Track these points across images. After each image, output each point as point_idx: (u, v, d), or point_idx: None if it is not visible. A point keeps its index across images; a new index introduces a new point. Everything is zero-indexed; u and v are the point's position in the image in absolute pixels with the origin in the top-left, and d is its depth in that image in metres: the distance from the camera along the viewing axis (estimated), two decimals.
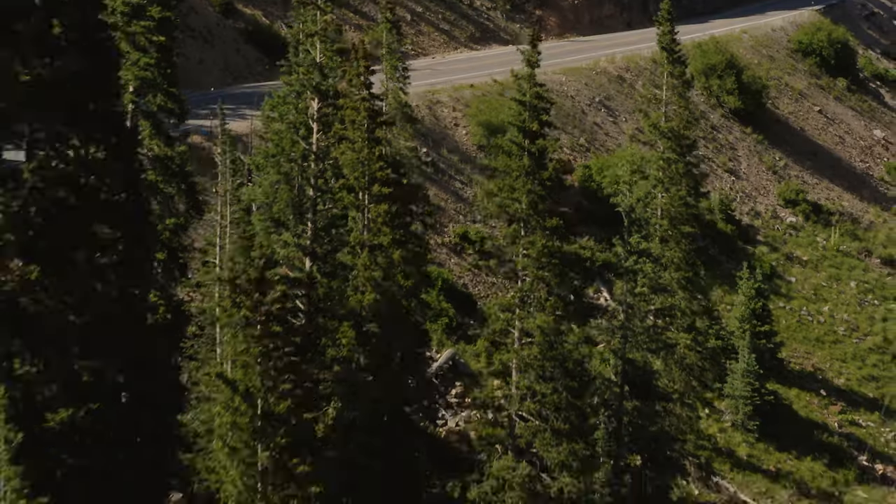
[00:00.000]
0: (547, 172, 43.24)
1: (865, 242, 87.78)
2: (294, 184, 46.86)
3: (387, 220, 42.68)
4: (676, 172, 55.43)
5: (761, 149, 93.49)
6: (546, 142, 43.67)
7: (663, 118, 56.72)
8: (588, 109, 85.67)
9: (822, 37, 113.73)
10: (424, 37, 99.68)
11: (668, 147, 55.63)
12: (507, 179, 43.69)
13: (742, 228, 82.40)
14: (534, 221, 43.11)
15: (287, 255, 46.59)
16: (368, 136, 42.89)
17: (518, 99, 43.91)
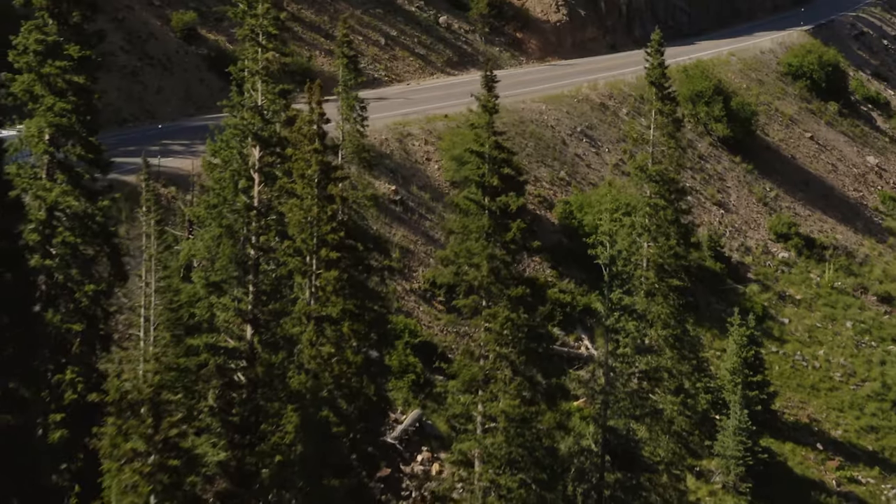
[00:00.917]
0: (510, 233, 37.61)
1: (861, 278, 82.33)
2: (238, 238, 41.29)
3: (337, 289, 37.04)
4: (664, 220, 49.92)
5: (751, 179, 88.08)
6: (508, 198, 38.02)
7: (650, 160, 51.13)
8: (569, 140, 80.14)
9: (812, 59, 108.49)
10: (399, 62, 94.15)
11: (655, 192, 50.09)
12: (465, 242, 38.09)
13: (732, 266, 76.96)
14: (496, 290, 37.47)
15: (226, 320, 41.07)
16: (320, 193, 37.27)
17: (475, 150, 38.32)
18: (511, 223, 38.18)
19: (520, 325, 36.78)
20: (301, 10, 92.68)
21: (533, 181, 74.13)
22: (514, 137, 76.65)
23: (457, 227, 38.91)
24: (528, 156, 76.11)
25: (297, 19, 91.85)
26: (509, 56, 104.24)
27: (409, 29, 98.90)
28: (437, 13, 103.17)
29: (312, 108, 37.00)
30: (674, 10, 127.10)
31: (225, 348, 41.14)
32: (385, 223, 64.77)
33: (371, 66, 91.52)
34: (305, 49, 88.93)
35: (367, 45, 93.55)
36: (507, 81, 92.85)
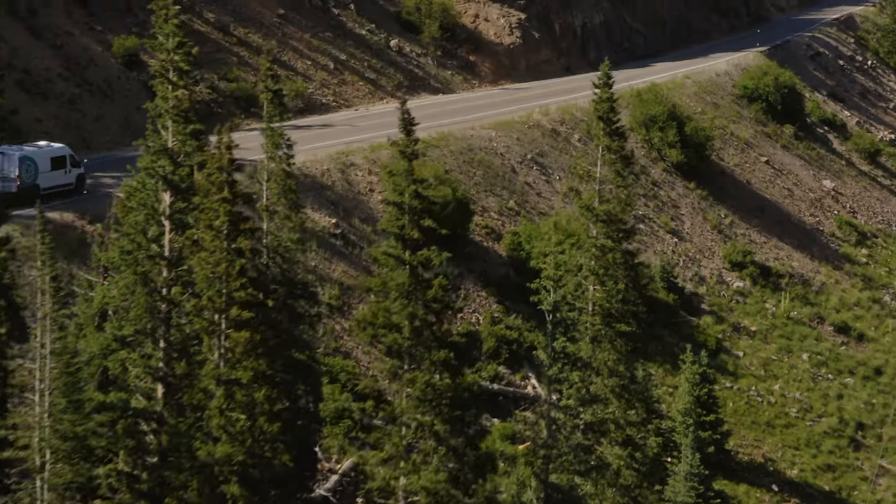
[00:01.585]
0: (432, 291, 34.08)
1: (817, 307, 79.31)
2: (153, 288, 37.68)
3: (248, 351, 33.39)
4: (612, 262, 46.46)
5: (706, 205, 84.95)
6: (430, 252, 34.47)
7: (597, 198, 47.69)
8: (519, 168, 76.79)
9: (768, 81, 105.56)
10: (348, 86, 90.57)
11: (602, 233, 46.63)
12: (383, 301, 34.52)
13: (685, 297, 73.70)
14: (417, 353, 33.92)
15: (137, 376, 37.48)
16: (228, 246, 33.62)
17: (393, 201, 34.78)
18: (434, 279, 34.61)
19: (443, 391, 33.20)
20: (248, 35, 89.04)
21: (481, 211, 70.76)
22: (461, 166, 73.42)
23: (375, 284, 35.31)
24: (477, 185, 72.76)
25: (245, 44, 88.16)
26: (462, 79, 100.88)
27: (359, 52, 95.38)
28: (388, 36, 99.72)
29: (221, 153, 33.27)
30: (629, 32, 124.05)
31: (135, 408, 37.58)
32: (324, 258, 61.28)
33: (319, 91, 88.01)
34: (252, 74, 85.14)
35: (315, 69, 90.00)
36: (457, 106, 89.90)
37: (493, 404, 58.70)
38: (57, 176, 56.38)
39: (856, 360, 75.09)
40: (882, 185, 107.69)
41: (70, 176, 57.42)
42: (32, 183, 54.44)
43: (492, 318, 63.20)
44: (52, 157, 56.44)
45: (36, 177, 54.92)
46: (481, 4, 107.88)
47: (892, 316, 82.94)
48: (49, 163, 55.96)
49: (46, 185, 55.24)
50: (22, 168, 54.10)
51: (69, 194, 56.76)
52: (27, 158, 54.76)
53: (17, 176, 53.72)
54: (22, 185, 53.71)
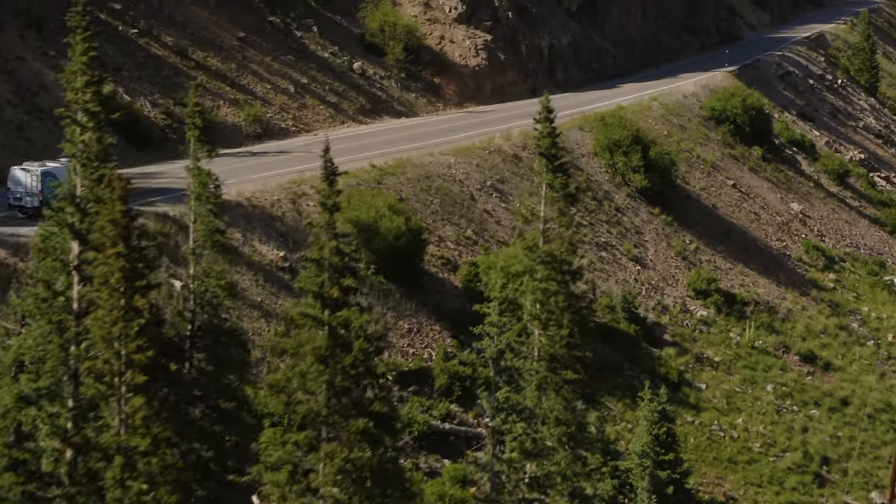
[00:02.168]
0: (350, 357, 31.01)
1: (783, 336, 76.40)
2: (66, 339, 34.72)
3: (150, 417, 30.26)
4: (557, 306, 43.35)
5: (670, 231, 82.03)
6: (351, 313, 31.41)
7: (541, 239, 44.61)
8: (478, 195, 73.77)
9: (735, 103, 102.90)
10: (308, 111, 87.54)
11: (546, 275, 43.53)
12: (299, 365, 31.42)
13: (647, 327, 70.68)
14: (335, 422, 30.83)
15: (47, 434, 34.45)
16: (127, 304, 30.48)
17: (311, 257, 31.72)
18: (354, 342, 31.52)
19: (363, 465, 30.09)
20: (207, 58, 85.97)
21: (437, 241, 67.72)
22: (418, 194, 70.41)
23: (290, 346, 32.18)
24: (433, 213, 69.73)
25: (203, 67, 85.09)
26: (426, 102, 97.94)
27: (321, 76, 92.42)
28: (351, 59, 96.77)
29: (114, 203, 30.13)
30: (598, 52, 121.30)
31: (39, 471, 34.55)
32: (271, 293, 58.14)
33: (278, 115, 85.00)
34: (209, 99, 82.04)
35: (275, 93, 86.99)
36: (419, 131, 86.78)
37: (445, 444, 55.60)
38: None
39: (822, 390, 72.22)
40: (850, 206, 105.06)
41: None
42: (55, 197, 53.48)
43: (445, 353, 60.09)
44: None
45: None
46: (447, 26, 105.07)
47: (859, 343, 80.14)
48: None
49: None
50: (44, 183, 54.39)
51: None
52: (49, 174, 55.02)
53: (41, 191, 54.28)
54: (45, 199, 53.08)
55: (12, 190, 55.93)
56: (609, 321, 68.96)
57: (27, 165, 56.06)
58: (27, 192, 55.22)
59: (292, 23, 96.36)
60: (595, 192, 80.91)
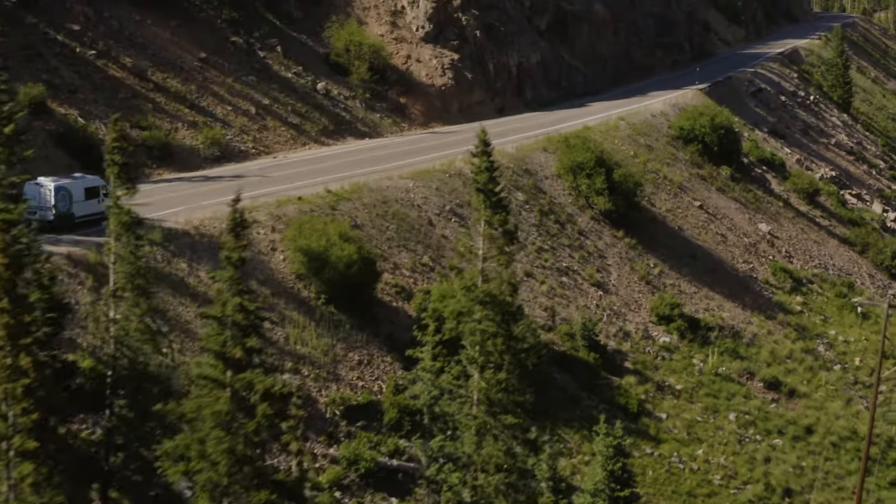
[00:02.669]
0: (253, 423, 28.42)
1: (747, 362, 73.92)
2: None
3: (39, 483, 27.68)
4: (496, 349, 40.87)
5: (634, 255, 79.58)
6: (255, 374, 28.85)
7: (480, 278, 42.14)
8: (437, 220, 71.27)
9: (704, 122, 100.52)
10: (269, 132, 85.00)
11: (485, 316, 41.05)
12: (198, 431, 28.84)
13: (608, 355, 68.17)
14: (236, 493, 28.22)
15: None
16: (12, 363, 27.90)
17: (211, 315, 29.16)
18: (258, 407, 28.94)
19: None
20: (167, 80, 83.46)
21: (391, 269, 65.19)
22: (374, 220, 67.87)
23: (189, 409, 29.61)
24: (389, 240, 67.18)
25: (162, 89, 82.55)
26: (391, 122, 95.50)
27: (283, 96, 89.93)
28: (315, 79, 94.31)
29: None
30: (568, 70, 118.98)
31: None
32: None
33: (238, 137, 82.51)
34: (167, 122, 79.62)
35: (235, 114, 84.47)
36: (381, 153, 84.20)
37: (392, 482, 53.04)
38: (90, 205, 58.94)
39: (786, 418, 69.74)
40: (820, 225, 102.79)
41: (102, 205, 57.01)
42: (67, 212, 57.59)
43: (395, 385, 57.51)
44: (85, 187, 59.24)
45: (70, 206, 57.93)
46: (413, 45, 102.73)
47: (825, 368, 77.76)
48: (83, 193, 58.81)
49: (81, 213, 58.34)
50: (57, 198, 57.02)
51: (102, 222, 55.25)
52: (62, 189, 57.57)
53: (53, 205, 56.56)
54: (58, 214, 56.71)
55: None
56: (568, 349, 66.53)
57: (40, 180, 57.51)
58: (40, 206, 56.44)
59: (256, 43, 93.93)
60: (558, 216, 78.49)
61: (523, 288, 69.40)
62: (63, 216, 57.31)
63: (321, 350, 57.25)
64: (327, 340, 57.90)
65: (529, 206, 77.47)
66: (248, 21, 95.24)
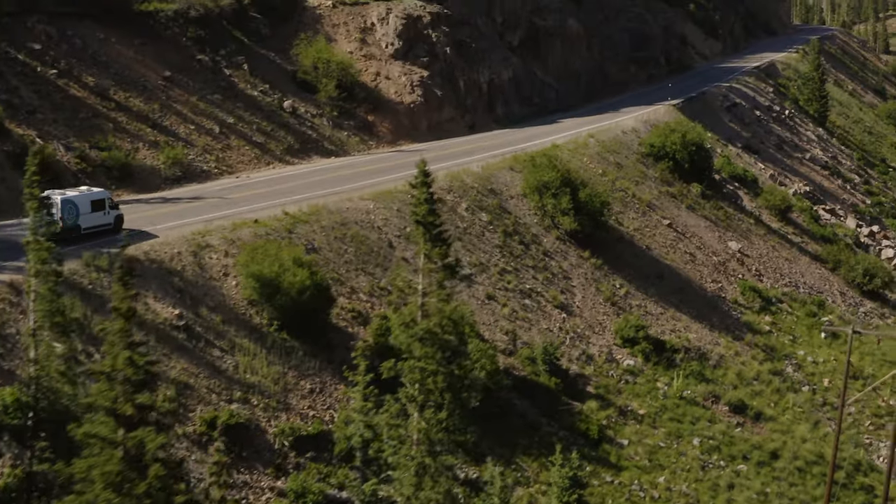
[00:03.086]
0: (145, 484, 26.47)
1: (713, 384, 72.02)
2: None
3: None
4: (436, 387, 38.95)
5: (600, 275, 77.71)
6: (147, 433, 26.88)
7: (419, 313, 40.23)
8: (397, 242, 69.33)
9: (675, 139, 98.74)
10: (233, 152, 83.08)
11: (424, 354, 39.15)
12: (87, 493, 26.86)
13: (570, 379, 66.26)
14: None
15: None
16: None
17: (103, 370, 27.20)
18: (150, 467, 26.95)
19: None
20: (129, 99, 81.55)
21: (348, 293, 63.23)
22: (332, 242, 65.94)
23: (78, 470, 27.62)
24: (347, 263, 65.24)
25: (124, 108, 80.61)
26: (358, 140, 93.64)
27: (248, 115, 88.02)
28: (282, 97, 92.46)
29: None
30: (541, 86, 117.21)
31: None
32: (163, 354, 53.41)
33: (201, 157, 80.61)
34: (128, 141, 77.69)
35: (199, 134, 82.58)
36: (345, 173, 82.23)
37: None
38: (96, 217, 60.23)
39: (751, 443, 67.79)
40: (792, 243, 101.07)
41: (108, 217, 61.27)
42: (74, 224, 58.87)
43: (348, 415, 55.42)
44: (91, 199, 60.21)
45: (77, 218, 59.15)
46: (383, 62, 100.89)
47: (793, 390, 75.92)
48: (89, 205, 59.84)
49: (87, 225, 59.64)
50: (64, 210, 58.29)
51: (108, 233, 60.28)
52: (69, 201, 58.79)
53: (60, 217, 57.60)
54: (65, 226, 57.61)
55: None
56: (529, 374, 64.63)
57: (49, 193, 58.36)
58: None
59: (222, 60, 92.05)
60: (522, 236, 76.64)
61: (484, 311, 67.66)
62: (70, 228, 58.61)
63: (271, 378, 55.30)
64: (278, 368, 55.96)
65: (493, 226, 75.61)
66: (215, 39, 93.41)
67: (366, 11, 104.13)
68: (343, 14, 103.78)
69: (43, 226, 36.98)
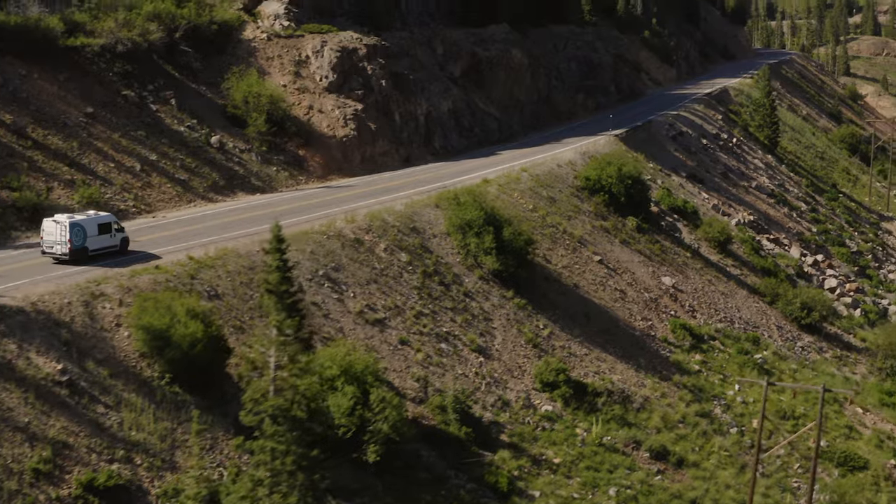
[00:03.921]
0: None
1: (635, 429, 68.73)
2: None
3: None
4: (285, 468, 35.53)
5: (523, 316, 74.45)
6: None
7: (272, 388, 36.81)
8: (308, 285, 65.87)
9: (611, 171, 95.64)
10: (153, 190, 79.63)
11: (274, 433, 35.70)
12: None
13: (483, 428, 62.86)
14: None
15: None
16: None
17: None
18: None
19: None
20: (47, 137, 78.06)
21: (249, 342, 59.67)
22: (237, 288, 62.55)
23: None
24: (252, 310, 61.70)
25: (42, 147, 77.12)
26: (287, 176, 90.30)
27: (172, 151, 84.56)
28: (210, 132, 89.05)
29: None
30: (482, 117, 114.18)
31: None
32: (41, 412, 49.94)
33: (118, 196, 77.15)
34: (43, 181, 74.17)
35: (119, 172, 79.14)
36: (265, 212, 77.77)
37: None
38: (103, 239, 63.20)
39: (670, 491, 64.49)
40: (730, 275, 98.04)
41: (115, 239, 64.11)
42: (82, 246, 61.78)
43: (237, 472, 51.99)
44: (98, 223, 63.07)
45: (85, 240, 62.01)
46: (316, 95, 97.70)
47: (720, 432, 72.74)
48: (96, 228, 62.76)
49: (94, 247, 62.65)
50: (73, 234, 61.21)
51: (115, 255, 63.30)
52: (76, 225, 61.66)
53: (69, 240, 60.94)
54: (73, 248, 61.30)
55: (45, 239, 61.98)
56: (439, 423, 61.27)
57: (57, 217, 61.78)
58: (56, 241, 61.42)
59: (149, 96, 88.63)
60: (443, 277, 73.36)
61: (396, 357, 64.39)
62: (78, 250, 61.53)
63: (158, 435, 51.85)
64: (167, 424, 52.53)
65: (413, 267, 72.33)
66: (144, 74, 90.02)
67: (301, 44, 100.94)
68: (278, 47, 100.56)
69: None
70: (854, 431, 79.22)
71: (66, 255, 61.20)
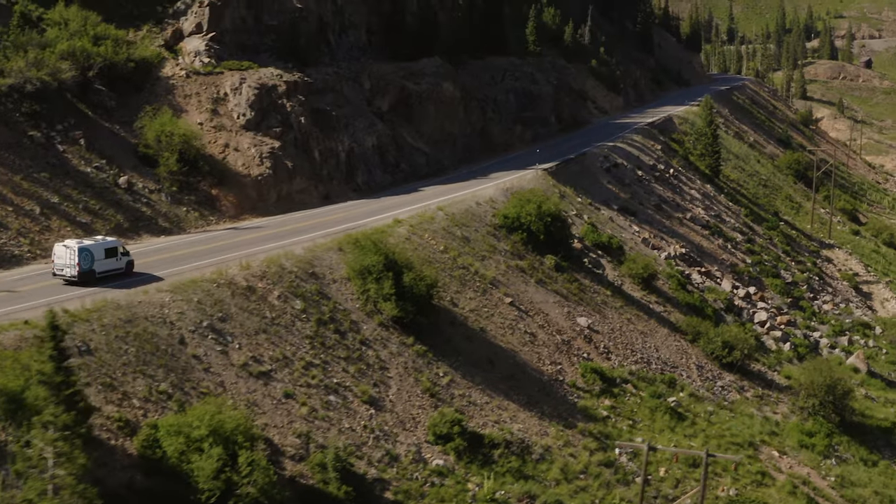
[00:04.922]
0: None
1: (532, 482, 65.20)
2: None
3: None
4: None
5: (422, 363, 70.92)
6: None
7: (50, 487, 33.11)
8: (190, 338, 62.27)
9: (531, 209, 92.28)
10: (52, 234, 75.86)
11: None
12: None
13: (366, 486, 59.25)
14: None
15: None
16: None
17: None
18: None
19: None
20: None
21: (119, 399, 55.91)
22: (112, 342, 58.70)
23: None
24: (125, 365, 57.95)
25: None
26: (198, 216, 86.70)
27: (76, 193, 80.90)
28: (118, 173, 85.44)
29: None
30: (410, 152, 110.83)
31: None
32: None
33: (14, 240, 73.52)
34: None
35: (16, 216, 75.52)
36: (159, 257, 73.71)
37: None
38: (110, 263, 66.49)
39: None
40: (652, 313, 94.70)
41: (121, 262, 67.41)
42: (90, 269, 64.99)
43: None
44: (105, 248, 66.39)
45: (93, 264, 65.18)
46: (232, 133, 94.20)
47: (624, 482, 69.25)
48: (103, 252, 66.01)
49: (101, 269, 65.87)
50: (81, 257, 64.44)
51: (120, 277, 66.44)
52: (85, 249, 64.92)
53: (78, 264, 64.25)
54: (81, 271, 64.55)
55: (56, 263, 65.14)
56: (318, 482, 57.65)
57: (67, 242, 65.29)
58: (66, 265, 64.57)
59: (57, 136, 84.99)
60: (339, 324, 69.84)
61: (279, 412, 60.83)
62: (86, 273, 64.58)
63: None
64: (16, 492, 48.57)
65: (307, 314, 68.78)
66: (53, 113, 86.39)
67: (220, 81, 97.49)
68: (196, 84, 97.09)
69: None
70: (767, 477, 75.80)
71: (76, 278, 64.14)
